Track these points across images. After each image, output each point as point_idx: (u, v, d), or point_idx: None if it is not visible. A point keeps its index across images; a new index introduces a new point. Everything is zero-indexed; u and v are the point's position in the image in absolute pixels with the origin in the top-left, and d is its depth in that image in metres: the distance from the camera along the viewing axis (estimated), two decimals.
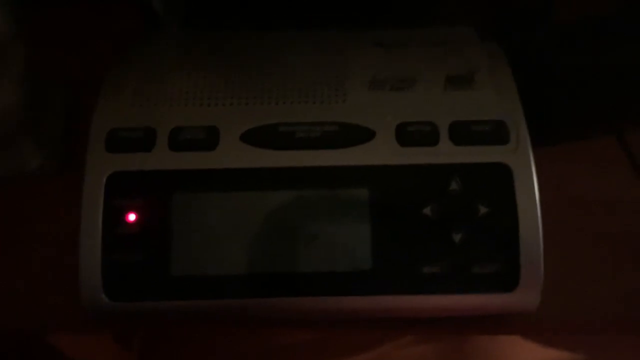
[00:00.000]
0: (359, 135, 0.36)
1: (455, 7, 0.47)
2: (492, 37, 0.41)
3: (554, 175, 0.36)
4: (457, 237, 0.35)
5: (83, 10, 0.51)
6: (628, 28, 0.44)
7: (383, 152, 0.36)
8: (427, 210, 0.35)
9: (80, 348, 0.55)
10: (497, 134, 0.36)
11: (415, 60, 0.39)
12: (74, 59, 0.48)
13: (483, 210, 0.35)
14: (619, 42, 0.44)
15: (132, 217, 0.35)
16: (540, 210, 0.35)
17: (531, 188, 0.35)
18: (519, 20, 0.47)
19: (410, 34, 0.41)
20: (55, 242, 0.40)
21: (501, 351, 0.38)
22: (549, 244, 0.35)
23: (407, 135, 0.36)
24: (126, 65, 0.40)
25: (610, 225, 0.42)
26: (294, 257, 0.35)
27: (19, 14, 0.39)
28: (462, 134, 0.36)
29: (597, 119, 0.46)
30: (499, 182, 0.35)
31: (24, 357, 0.50)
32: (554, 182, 0.36)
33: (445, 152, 0.35)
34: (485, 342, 0.39)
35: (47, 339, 0.51)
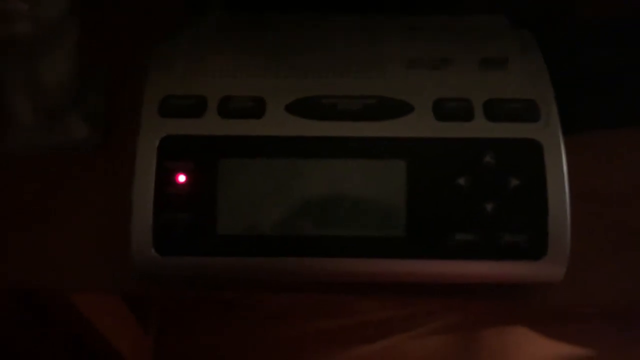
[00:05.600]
0: (398, 109, 0.38)
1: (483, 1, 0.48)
2: (523, 26, 0.43)
3: (568, 166, 0.37)
4: (488, 207, 0.36)
5: None
6: None
7: (421, 125, 0.37)
8: (461, 181, 0.37)
9: (98, 311, 0.56)
10: (528, 111, 0.38)
11: (450, 43, 0.41)
12: (114, 42, 0.50)
13: (514, 182, 0.36)
14: None
15: (182, 178, 0.37)
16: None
17: (560, 163, 0.36)
18: (547, 15, 0.49)
19: (442, 21, 0.44)
20: (98, 208, 0.42)
21: (511, 343, 0.39)
22: None
23: (444, 110, 0.38)
24: (173, 43, 0.42)
25: (624, 217, 0.42)
26: (331, 220, 0.37)
27: None
28: (495, 110, 0.38)
29: (622, 114, 0.47)
30: (530, 156, 0.37)
31: (44, 312, 0.51)
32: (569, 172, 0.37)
33: (480, 128, 0.37)
34: (495, 334, 0.39)
35: (70, 298, 0.52)
